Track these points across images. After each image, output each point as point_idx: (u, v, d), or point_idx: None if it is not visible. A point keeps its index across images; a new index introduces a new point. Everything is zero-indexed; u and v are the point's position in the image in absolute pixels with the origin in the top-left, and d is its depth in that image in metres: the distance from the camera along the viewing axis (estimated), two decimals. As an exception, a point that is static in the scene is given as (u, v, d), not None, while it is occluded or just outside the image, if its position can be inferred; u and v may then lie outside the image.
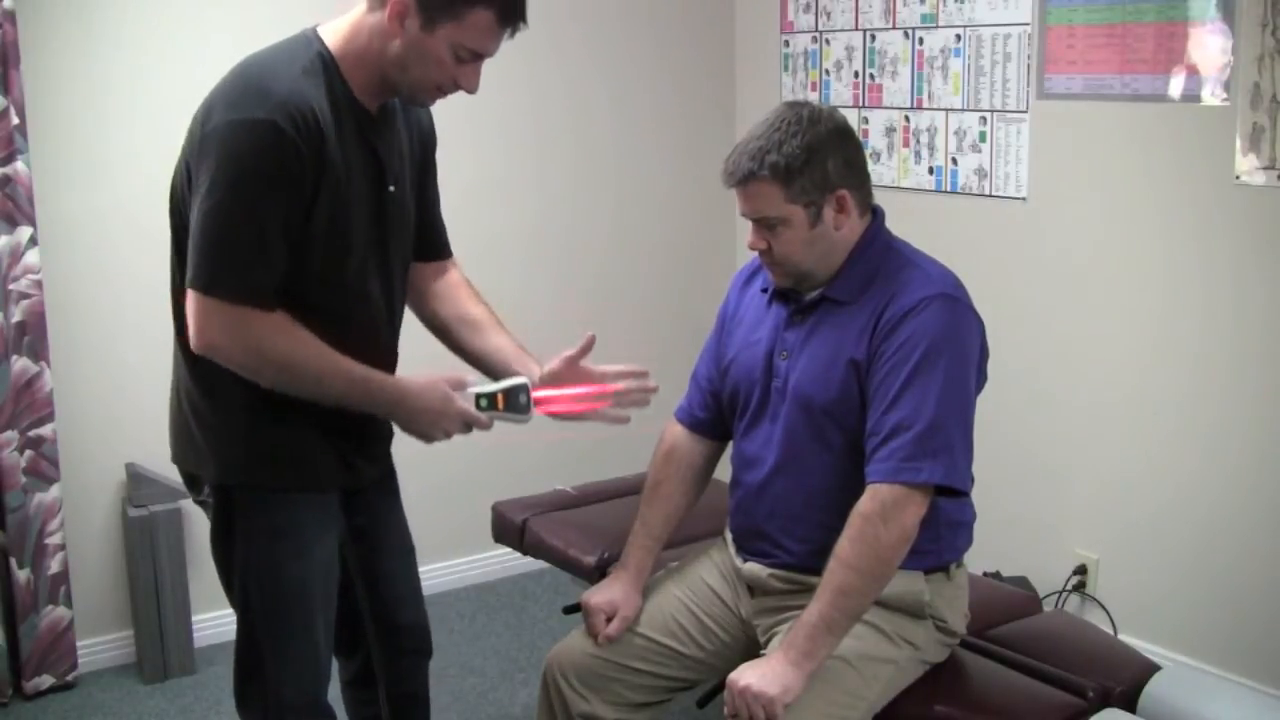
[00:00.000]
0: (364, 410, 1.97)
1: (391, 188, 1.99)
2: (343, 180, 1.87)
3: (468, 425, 1.96)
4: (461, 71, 1.88)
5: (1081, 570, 3.27)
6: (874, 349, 2.00)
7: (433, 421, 1.95)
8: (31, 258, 3.00)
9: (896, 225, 2.16)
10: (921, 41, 3.53)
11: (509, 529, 2.99)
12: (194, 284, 1.82)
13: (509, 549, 3.08)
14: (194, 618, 3.27)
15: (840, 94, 3.80)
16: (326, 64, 1.87)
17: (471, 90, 1.92)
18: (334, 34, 1.90)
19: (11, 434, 3.02)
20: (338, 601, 2.16)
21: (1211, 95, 2.86)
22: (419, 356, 2.16)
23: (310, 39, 1.90)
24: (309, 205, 1.84)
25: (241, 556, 1.99)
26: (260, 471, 1.96)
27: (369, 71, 1.88)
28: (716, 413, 2.27)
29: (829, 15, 3.81)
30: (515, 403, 2.00)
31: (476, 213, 3.67)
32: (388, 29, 1.83)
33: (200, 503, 2.06)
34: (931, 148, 3.54)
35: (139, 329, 3.18)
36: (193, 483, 2.06)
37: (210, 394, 1.94)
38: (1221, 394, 2.94)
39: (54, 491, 3.10)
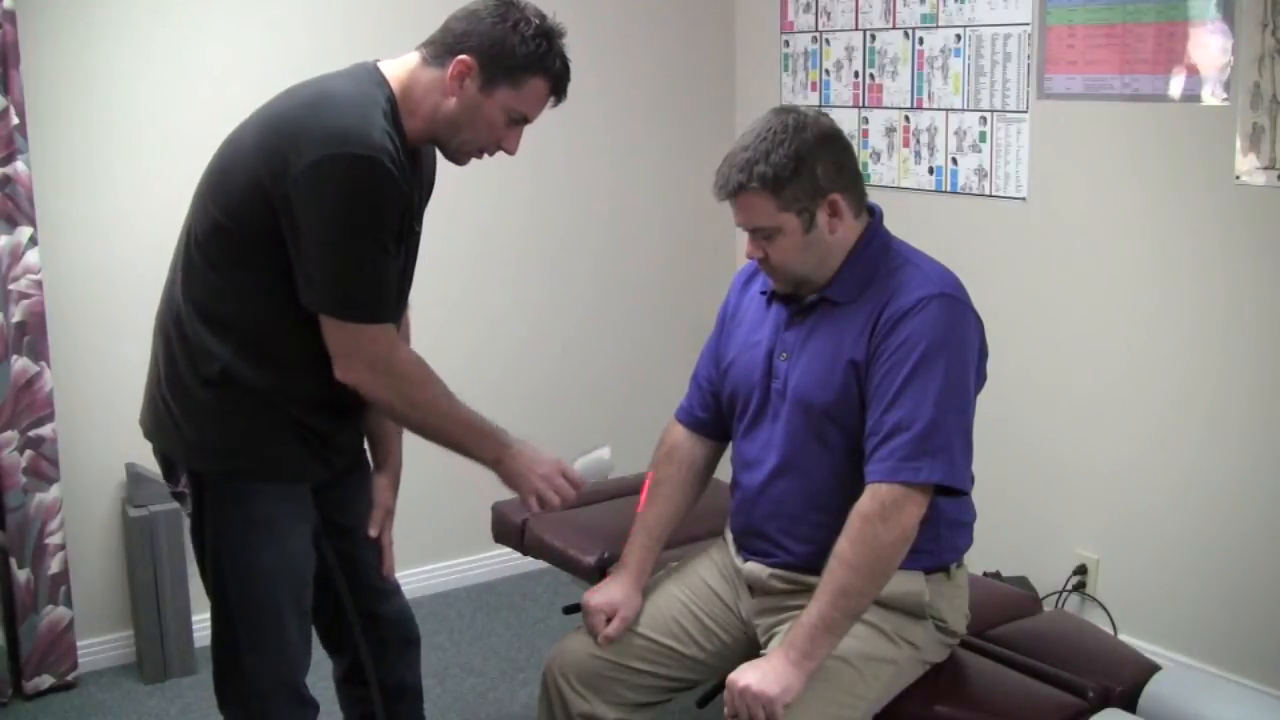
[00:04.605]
0: (469, 455, 2.05)
1: (417, 228, 2.07)
2: (402, 228, 1.95)
3: (560, 494, 2.09)
4: (507, 134, 1.99)
5: (1081, 570, 3.27)
6: (873, 349, 2.00)
7: (535, 483, 2.06)
8: (31, 258, 3.00)
9: (896, 225, 2.16)
10: (921, 41, 3.53)
11: (509, 529, 2.99)
12: (335, 315, 1.88)
13: (509, 549, 3.08)
14: (194, 618, 3.27)
15: (840, 94, 3.80)
16: (393, 108, 1.92)
17: (512, 152, 2.02)
18: (394, 78, 1.95)
19: (11, 434, 3.01)
20: (321, 597, 2.19)
21: (1211, 95, 2.86)
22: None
23: (380, 80, 1.94)
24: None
25: (215, 546, 2.02)
26: (235, 461, 1.98)
27: (417, 122, 1.95)
28: (717, 413, 2.27)
29: (829, 15, 3.81)
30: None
31: (474, 214, 3.67)
32: (446, 86, 1.92)
33: (176, 495, 2.08)
34: (931, 148, 3.54)
35: (139, 329, 3.13)
36: (169, 469, 2.08)
37: (207, 384, 1.95)
38: (1221, 394, 2.94)
39: (54, 491, 3.10)
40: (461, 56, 1.89)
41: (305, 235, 1.84)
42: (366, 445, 2.28)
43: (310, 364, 1.94)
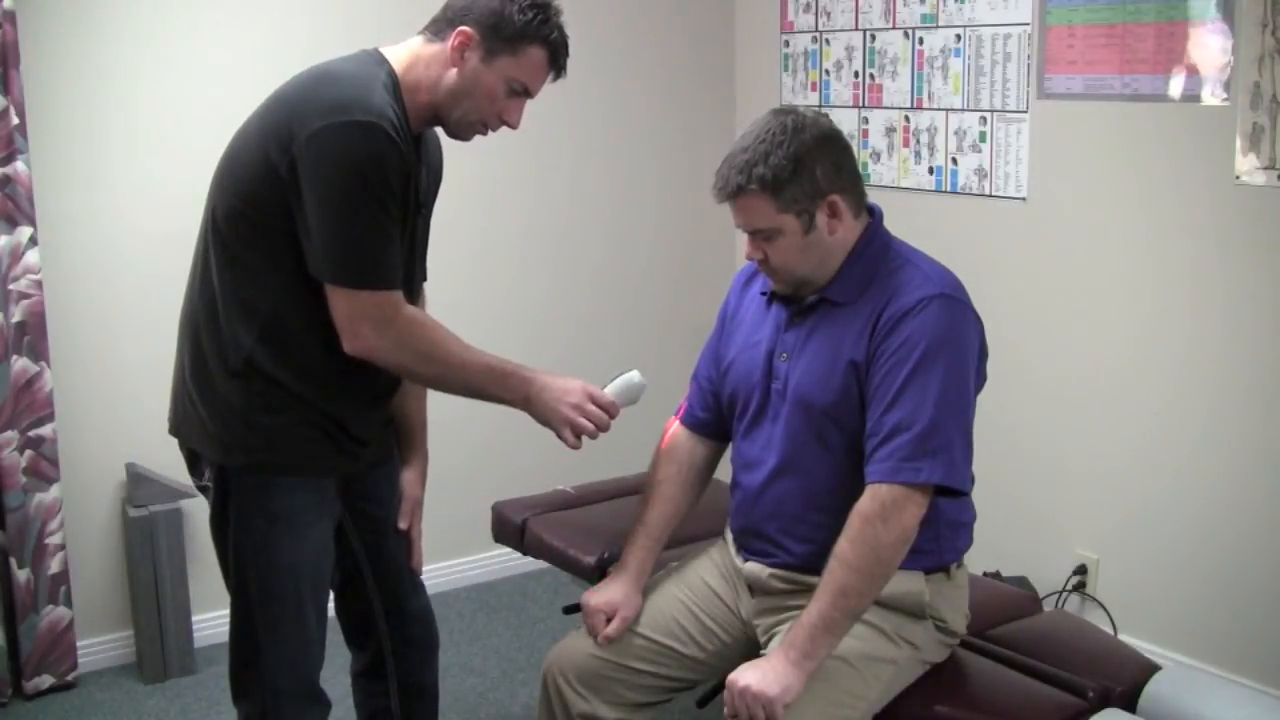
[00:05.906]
0: (497, 400, 2.05)
1: (425, 211, 2.11)
2: (406, 197, 1.98)
3: (594, 421, 2.04)
4: (509, 105, 2.02)
5: (1081, 570, 3.27)
6: (873, 349, 2.00)
7: (567, 414, 2.03)
8: (31, 258, 3.00)
9: (896, 225, 2.16)
10: (921, 41, 3.53)
11: (509, 529, 2.99)
12: (343, 282, 1.90)
13: (509, 549, 3.08)
14: (194, 618, 3.27)
15: (840, 94, 3.80)
16: (395, 86, 1.96)
17: (514, 125, 2.05)
18: (395, 59, 2.00)
19: (11, 434, 3.01)
20: (348, 591, 2.22)
21: (1211, 95, 2.86)
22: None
23: (380, 59, 1.99)
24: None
25: (236, 539, 2.03)
26: (258, 454, 1.99)
27: (420, 100, 1.99)
28: (717, 413, 2.27)
29: (829, 15, 3.81)
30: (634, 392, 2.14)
31: (474, 214, 3.68)
32: (448, 59, 1.97)
33: (201, 488, 2.09)
34: (931, 148, 3.54)
35: (139, 329, 3.18)
36: (194, 463, 2.09)
37: (233, 376, 1.97)
38: (1221, 394, 2.94)
39: (54, 491, 3.10)
40: (462, 28, 1.95)
41: (310, 203, 1.87)
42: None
43: (330, 349, 1.96)
